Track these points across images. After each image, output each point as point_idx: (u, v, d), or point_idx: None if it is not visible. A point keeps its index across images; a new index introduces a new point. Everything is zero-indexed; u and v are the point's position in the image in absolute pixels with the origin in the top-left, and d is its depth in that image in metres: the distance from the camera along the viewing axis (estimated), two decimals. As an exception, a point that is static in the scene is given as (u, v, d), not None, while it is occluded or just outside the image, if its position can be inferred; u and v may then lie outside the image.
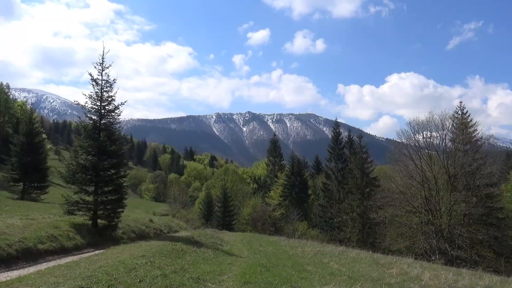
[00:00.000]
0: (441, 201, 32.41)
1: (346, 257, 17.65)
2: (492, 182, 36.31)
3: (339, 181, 48.77)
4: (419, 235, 32.74)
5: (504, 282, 13.34)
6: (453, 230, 31.22)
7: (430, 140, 34.30)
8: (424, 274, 13.24)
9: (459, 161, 32.64)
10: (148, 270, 9.69)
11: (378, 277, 12.38)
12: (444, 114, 34.54)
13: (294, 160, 59.77)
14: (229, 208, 50.51)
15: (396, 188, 34.99)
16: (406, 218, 34.33)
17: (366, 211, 40.42)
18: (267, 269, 12.17)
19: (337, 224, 44.45)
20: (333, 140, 52.21)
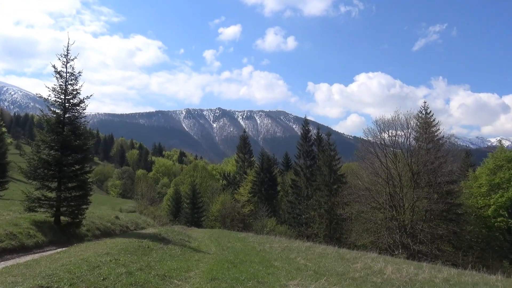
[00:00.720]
0: (404, 197, 33.53)
1: (313, 252, 17.96)
2: (452, 180, 37.93)
3: (308, 178, 49.42)
4: (383, 230, 33.76)
5: (461, 275, 13.98)
6: (416, 226, 32.39)
7: (395, 138, 35.41)
8: (387, 268, 13.67)
9: (422, 159, 33.86)
10: (113, 268, 9.50)
11: (343, 272, 12.69)
12: (409, 113, 35.72)
13: (264, 157, 60.03)
14: (198, 205, 50.22)
15: (362, 185, 35.87)
16: (371, 214, 35.30)
17: (333, 207, 41.21)
18: (234, 265, 12.21)
19: (305, 220, 45.10)
20: (302, 137, 52.80)
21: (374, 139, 36.46)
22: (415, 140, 36.54)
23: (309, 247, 20.21)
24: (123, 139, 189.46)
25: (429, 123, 38.09)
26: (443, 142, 38.07)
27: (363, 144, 39.06)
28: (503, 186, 41.57)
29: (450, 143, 40.41)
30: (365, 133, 37.19)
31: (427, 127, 37.45)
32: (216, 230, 35.00)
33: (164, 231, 21.23)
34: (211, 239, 22.22)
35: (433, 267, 15.69)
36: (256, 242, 21.69)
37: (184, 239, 19.48)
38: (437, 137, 37.72)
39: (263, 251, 17.45)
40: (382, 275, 12.51)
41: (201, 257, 13.82)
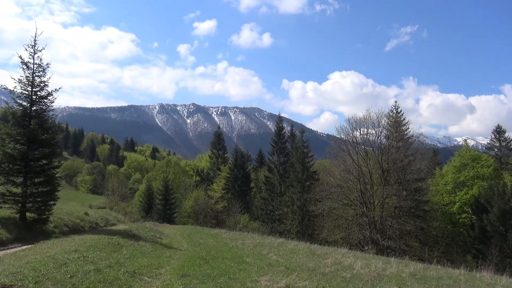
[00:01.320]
0: (375, 194, 34.34)
1: (285, 248, 18.14)
2: (421, 177, 39.12)
3: (281, 175, 49.79)
4: (354, 226, 34.49)
5: (427, 269, 14.48)
6: (385, 222, 33.26)
7: (367, 136, 36.18)
8: (356, 263, 13.99)
9: (392, 157, 34.75)
10: (81, 265, 9.28)
11: (313, 267, 12.89)
12: (380, 112, 36.56)
13: (238, 153, 60.03)
14: (170, 201, 49.69)
15: (334, 182, 36.47)
16: (343, 211, 35.95)
17: (306, 204, 41.68)
18: (206, 261, 12.19)
19: (278, 216, 45.42)
20: (276, 134, 53.12)
21: (346, 137, 37.16)
22: (385, 139, 37.44)
23: (281, 243, 20.39)
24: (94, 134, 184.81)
25: (400, 122, 39.10)
26: (413, 140, 39.18)
27: (336, 141, 39.69)
28: (467, 183, 43.29)
29: (419, 141, 41.62)
30: (337, 131, 37.84)
31: (398, 126, 38.42)
32: (188, 226, 34.76)
33: (135, 227, 20.92)
34: (183, 236, 22.06)
35: (401, 262, 16.16)
36: (229, 238, 21.71)
37: (155, 236, 19.26)
38: (406, 135, 38.77)
39: (236, 248, 17.49)
40: (351, 270, 12.78)
41: (173, 254, 13.71)
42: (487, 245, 33.03)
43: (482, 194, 37.48)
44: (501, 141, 55.52)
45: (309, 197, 40.47)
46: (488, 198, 35.47)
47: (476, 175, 43.38)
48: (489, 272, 14.94)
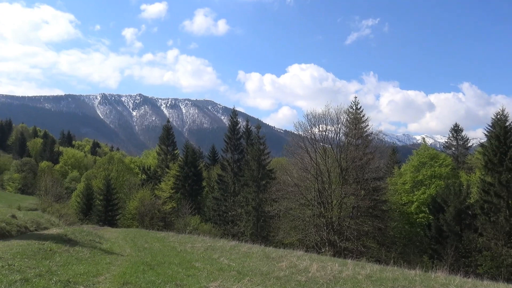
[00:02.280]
0: (333, 194, 35.35)
1: (238, 252, 18.22)
2: (379, 176, 40.83)
3: (235, 173, 49.93)
4: (311, 227, 35.31)
5: (383, 270, 15.12)
6: (343, 222, 34.36)
7: (326, 133, 37.11)
8: (312, 266, 14.33)
9: (351, 155, 35.92)
10: (5, 275, 8.80)
11: (267, 271, 13.05)
12: (339, 108, 37.64)
13: (189, 150, 59.50)
14: (112, 202, 48.40)
15: (291, 180, 37.11)
16: (300, 211, 36.69)
17: (261, 204, 42.10)
18: (151, 267, 12.00)
19: (232, 217, 45.56)
20: (230, 129, 53.14)
21: (304, 134, 37.87)
22: (344, 136, 38.64)
23: (234, 246, 20.45)
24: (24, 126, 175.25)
25: (359, 118, 40.45)
26: (372, 138, 40.75)
27: (294, 138, 40.43)
28: (425, 183, 45.71)
29: (378, 139, 43.37)
30: (295, 127, 38.49)
31: (357, 122, 39.75)
32: (132, 229, 34.01)
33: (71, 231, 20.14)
34: (126, 240, 21.55)
35: (357, 264, 16.76)
36: (177, 242, 21.48)
37: (94, 240, 18.65)
38: (366, 133, 40.24)
39: (184, 252, 17.35)
40: (306, 274, 13.08)
41: (113, 260, 13.36)
42: (443, 245, 35.04)
43: (439, 193, 39.66)
44: (458, 140, 59.08)
45: (265, 197, 40.93)
46: (444, 198, 37.59)
47: (434, 174, 45.89)
48: (444, 272, 15.86)
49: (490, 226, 32.86)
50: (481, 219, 33.66)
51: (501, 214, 32.70)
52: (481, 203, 34.21)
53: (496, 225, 32.54)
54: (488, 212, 33.49)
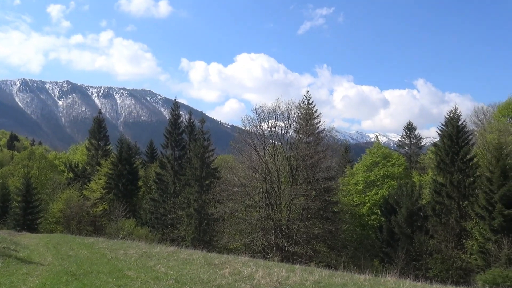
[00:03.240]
0: (282, 194, 35.93)
1: (176, 258, 18.07)
2: (331, 176, 42.07)
3: (176, 172, 49.41)
4: (258, 231, 35.70)
5: (332, 276, 15.63)
6: (292, 225, 35.03)
7: (275, 129, 37.65)
8: (257, 273, 14.51)
9: (302, 153, 36.67)
10: None
11: (208, 279, 13.06)
12: (290, 102, 38.24)
13: (123, 145, 58.15)
14: (33, 204, 46.26)
15: (237, 180, 37.24)
16: (246, 213, 36.97)
17: (204, 205, 42.00)
18: (76, 277, 11.64)
19: (171, 221, 45.13)
20: (171, 123, 52.49)
21: (253, 129, 38.17)
22: (295, 132, 39.33)
23: (172, 252, 20.26)
24: None
25: (311, 114, 41.37)
26: (324, 135, 41.88)
27: (241, 134, 40.60)
28: (377, 183, 47.70)
29: (331, 137, 44.62)
30: (243, 122, 38.71)
31: (309, 118, 40.65)
32: (56, 235, 32.70)
33: (-19, 238, 19.01)
34: (47, 247, 20.72)
35: (305, 269, 17.19)
36: (108, 248, 20.92)
37: (9, 248, 17.75)
38: (318, 129, 41.27)
39: (116, 259, 16.94)
40: (251, 281, 13.23)
41: (32, 270, 12.80)
42: (394, 248, 36.76)
43: (391, 194, 41.53)
44: (411, 138, 62.11)
45: (208, 198, 40.83)
46: (397, 199, 39.44)
47: (387, 174, 48.01)
48: (394, 276, 16.67)
49: (441, 228, 34.92)
50: (433, 220, 35.68)
51: (452, 216, 34.86)
52: (432, 204, 36.25)
53: (447, 227, 34.64)
54: (440, 214, 35.57)
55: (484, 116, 54.82)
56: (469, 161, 35.90)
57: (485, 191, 31.95)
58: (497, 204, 30.07)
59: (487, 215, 30.81)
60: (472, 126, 52.55)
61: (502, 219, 29.54)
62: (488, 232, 30.55)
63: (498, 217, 29.72)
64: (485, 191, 31.85)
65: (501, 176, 31.09)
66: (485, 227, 30.96)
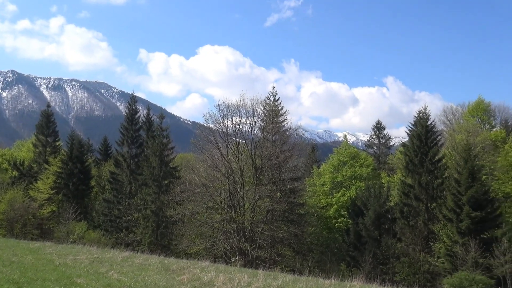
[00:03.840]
0: (245, 196, 36.02)
1: (131, 264, 17.85)
2: (297, 176, 42.54)
3: (132, 171, 48.70)
4: (219, 234, 35.66)
5: (296, 281, 15.80)
6: (255, 228, 35.18)
7: (240, 127, 37.64)
8: (218, 279, 14.51)
9: (267, 152, 36.87)
10: None
11: (165, 286, 12.96)
12: (256, 98, 38.37)
13: (75, 141, 56.90)
14: (-29, 205, 44.51)
15: (199, 180, 37.08)
16: (207, 216, 36.85)
17: (162, 207, 41.60)
18: (18, 285, 11.37)
19: (126, 223, 44.52)
20: (127, 118, 51.64)
21: (215, 126, 38.09)
22: (260, 130, 39.50)
23: (127, 257, 20.00)
24: None
25: (277, 111, 41.65)
26: (290, 134, 42.28)
27: (203, 131, 40.39)
28: (345, 184, 48.55)
29: (297, 135, 45.18)
30: (205, 119, 38.54)
31: (274, 116, 40.90)
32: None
33: None
34: (-13, 252, 19.96)
35: (269, 275, 17.30)
36: (56, 253, 20.43)
37: None
38: (284, 128, 41.60)
39: (64, 266, 16.56)
40: (211, 287, 13.20)
41: (-31, 278, 12.30)
42: (361, 252, 37.54)
43: (359, 196, 42.37)
44: (380, 138, 63.60)
45: (167, 199, 40.48)
46: (364, 201, 40.28)
47: (355, 175, 48.93)
48: (360, 281, 17.06)
49: (408, 231, 35.94)
50: (400, 223, 36.68)
51: (420, 218, 35.94)
52: (400, 206, 37.26)
53: (414, 229, 35.69)
54: (408, 216, 36.60)
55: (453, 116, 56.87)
56: (438, 162, 37.10)
57: (453, 193, 33.09)
58: (465, 206, 31.18)
59: (455, 218, 31.91)
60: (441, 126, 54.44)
61: (469, 222, 30.67)
62: (456, 235, 31.67)
63: (465, 219, 30.84)
64: (453, 193, 32.98)
65: (469, 178, 32.26)
66: (453, 230, 32.07)
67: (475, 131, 43.86)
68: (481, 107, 51.75)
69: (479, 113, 51.53)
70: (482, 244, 29.48)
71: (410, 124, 44.94)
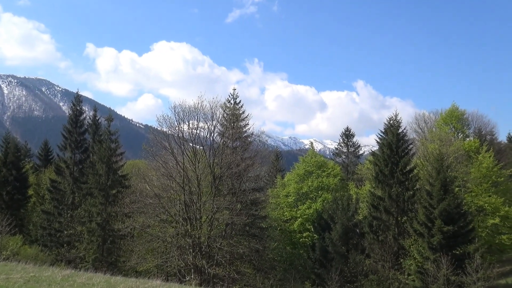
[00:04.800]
0: (202, 207, 35.84)
1: (72, 283, 17.44)
2: (259, 187, 42.75)
3: (76, 179, 47.73)
4: (173, 250, 35.35)
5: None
6: (213, 244, 35.03)
7: (197, 131, 37.46)
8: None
9: (226, 159, 36.84)
10: None
11: (111, 308, 12.69)
12: (215, 101, 38.20)
13: (10, 145, 55.69)
14: None
15: (151, 190, 36.68)
16: (160, 229, 36.49)
17: (109, 220, 40.99)
18: None
19: (68, 238, 43.61)
20: (71, 120, 50.61)
21: (170, 131, 37.80)
22: (220, 136, 39.49)
23: (68, 276, 19.50)
24: None
25: (238, 115, 41.75)
26: (252, 140, 42.44)
27: (156, 136, 39.99)
28: (311, 195, 49.07)
29: (260, 141, 45.38)
30: (159, 122, 38.10)
31: (235, 120, 41.00)
32: None
33: None
34: None
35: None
36: (-15, 272, 19.68)
37: None
38: (245, 133, 41.75)
39: (-6, 286, 15.99)
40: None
41: None
42: (327, 269, 37.97)
43: (325, 208, 42.90)
44: (349, 146, 64.77)
45: (115, 211, 39.93)
46: (331, 213, 40.82)
47: (321, 185, 49.55)
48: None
49: (378, 246, 36.60)
50: (369, 238, 37.34)
51: (389, 233, 36.69)
52: (369, 220, 37.94)
53: (384, 244, 36.38)
54: (377, 230, 37.30)
55: (425, 124, 58.58)
56: (409, 173, 37.99)
57: (424, 205, 33.90)
58: (437, 220, 32.01)
59: (426, 232, 32.70)
60: (413, 135, 55.98)
61: (441, 237, 31.50)
62: (427, 251, 32.46)
63: (437, 234, 31.65)
64: (425, 206, 33.80)
65: (441, 190, 33.12)
66: (424, 245, 32.85)
67: (448, 140, 45.14)
68: (455, 114, 53.27)
69: (452, 121, 53.07)
70: (454, 260, 30.26)
71: (380, 131, 45.79)
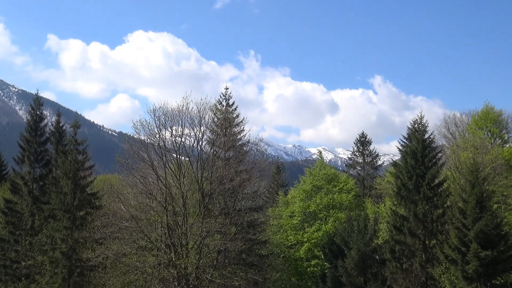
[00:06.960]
0: (189, 231, 35.69)
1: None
2: (258, 206, 42.52)
3: (36, 198, 47.57)
4: (154, 284, 35.19)
5: None
6: (202, 275, 34.91)
7: (182, 139, 37.35)
8: None
9: (218, 173, 36.69)
10: None
11: None
12: (203, 103, 38.01)
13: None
14: None
15: (126, 211, 36.49)
16: (138, 258, 36.28)
17: (77, 247, 40.79)
18: None
19: (27, 270, 43.36)
20: (29, 127, 50.48)
21: (149, 139, 37.66)
22: (209, 145, 39.33)
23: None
24: None
25: (231, 120, 41.65)
26: (249, 149, 42.26)
27: (133, 145, 39.85)
28: (320, 215, 48.82)
29: (258, 151, 45.12)
30: (135, 128, 37.99)
31: (228, 125, 40.93)
32: None
33: None
34: None
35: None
36: None
37: None
38: (240, 141, 41.62)
39: None
40: None
41: None
42: (341, 304, 37.80)
43: (338, 231, 42.63)
44: (365, 155, 64.33)
45: (84, 237, 39.77)
46: (345, 237, 40.59)
47: (332, 203, 49.28)
48: None
49: (402, 276, 36.33)
50: (391, 266, 37.06)
51: (416, 260, 36.39)
52: (391, 244, 37.64)
53: (409, 274, 36.11)
54: (400, 257, 36.99)
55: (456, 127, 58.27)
56: (438, 187, 37.65)
57: (457, 226, 33.55)
58: (472, 244, 31.63)
59: (460, 258, 32.37)
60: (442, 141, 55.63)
61: (478, 263, 31.11)
62: (461, 281, 32.13)
63: (473, 260, 31.28)
64: (457, 227, 33.46)
65: (477, 207, 32.64)
66: (457, 274, 32.51)
67: (484, 147, 44.60)
68: (490, 116, 52.76)
69: (487, 124, 52.55)
70: (494, 292, 30.03)
71: (403, 137, 45.34)
